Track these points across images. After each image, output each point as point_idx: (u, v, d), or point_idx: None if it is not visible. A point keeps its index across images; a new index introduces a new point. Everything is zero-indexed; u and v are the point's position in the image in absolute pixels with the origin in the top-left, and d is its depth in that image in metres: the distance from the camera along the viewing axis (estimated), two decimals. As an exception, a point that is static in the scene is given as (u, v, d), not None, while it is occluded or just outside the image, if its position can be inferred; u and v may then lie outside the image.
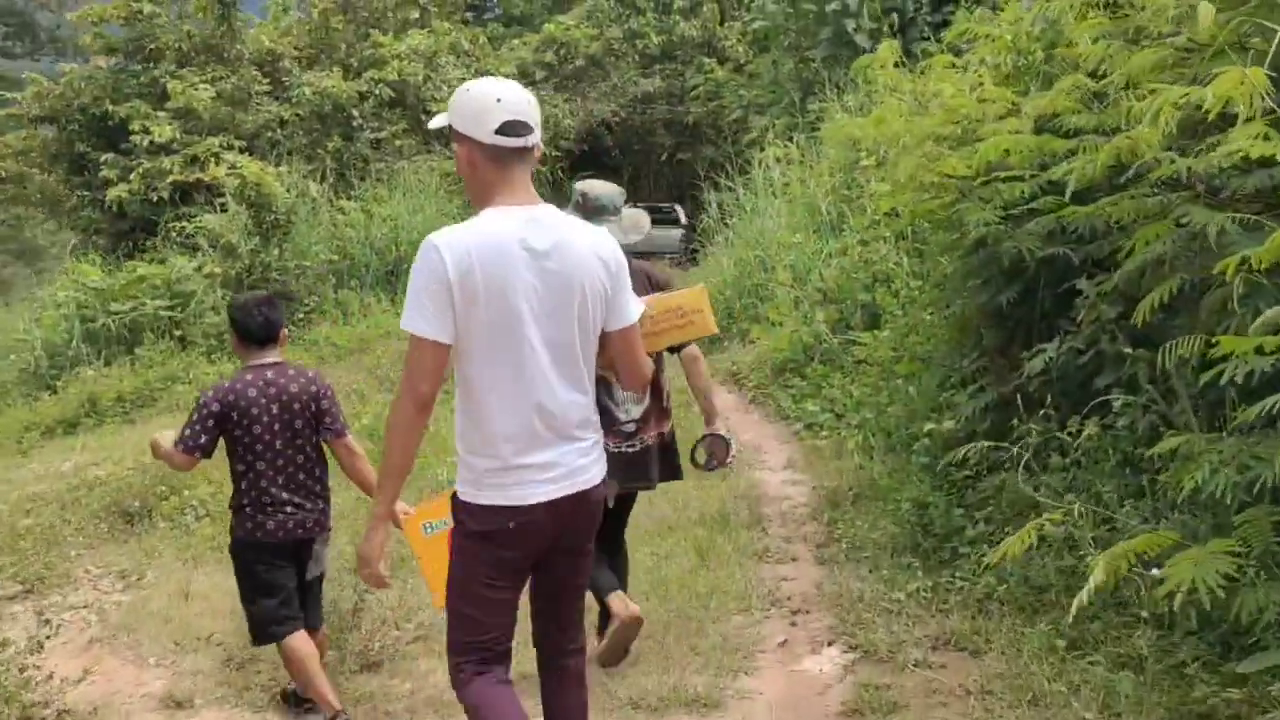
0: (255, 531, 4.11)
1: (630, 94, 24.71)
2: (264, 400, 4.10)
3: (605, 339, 3.00)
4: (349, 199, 17.49)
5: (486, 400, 2.84)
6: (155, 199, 17.70)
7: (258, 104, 19.26)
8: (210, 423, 4.04)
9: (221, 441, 4.14)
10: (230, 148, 17.75)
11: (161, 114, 18.37)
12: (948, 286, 6.40)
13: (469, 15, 29.02)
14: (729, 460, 4.56)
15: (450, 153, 21.50)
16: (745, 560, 5.90)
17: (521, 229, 2.79)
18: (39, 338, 15.70)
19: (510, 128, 2.80)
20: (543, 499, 2.85)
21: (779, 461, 8.07)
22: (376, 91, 20.08)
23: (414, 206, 17.61)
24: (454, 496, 2.95)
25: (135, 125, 18.23)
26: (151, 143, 17.95)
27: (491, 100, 2.81)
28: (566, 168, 23.62)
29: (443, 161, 20.32)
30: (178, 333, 14.73)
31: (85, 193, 19.07)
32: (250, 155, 17.62)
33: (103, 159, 18.69)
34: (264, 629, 4.17)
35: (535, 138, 2.88)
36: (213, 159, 17.52)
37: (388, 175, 18.57)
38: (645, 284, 4.20)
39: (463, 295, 2.74)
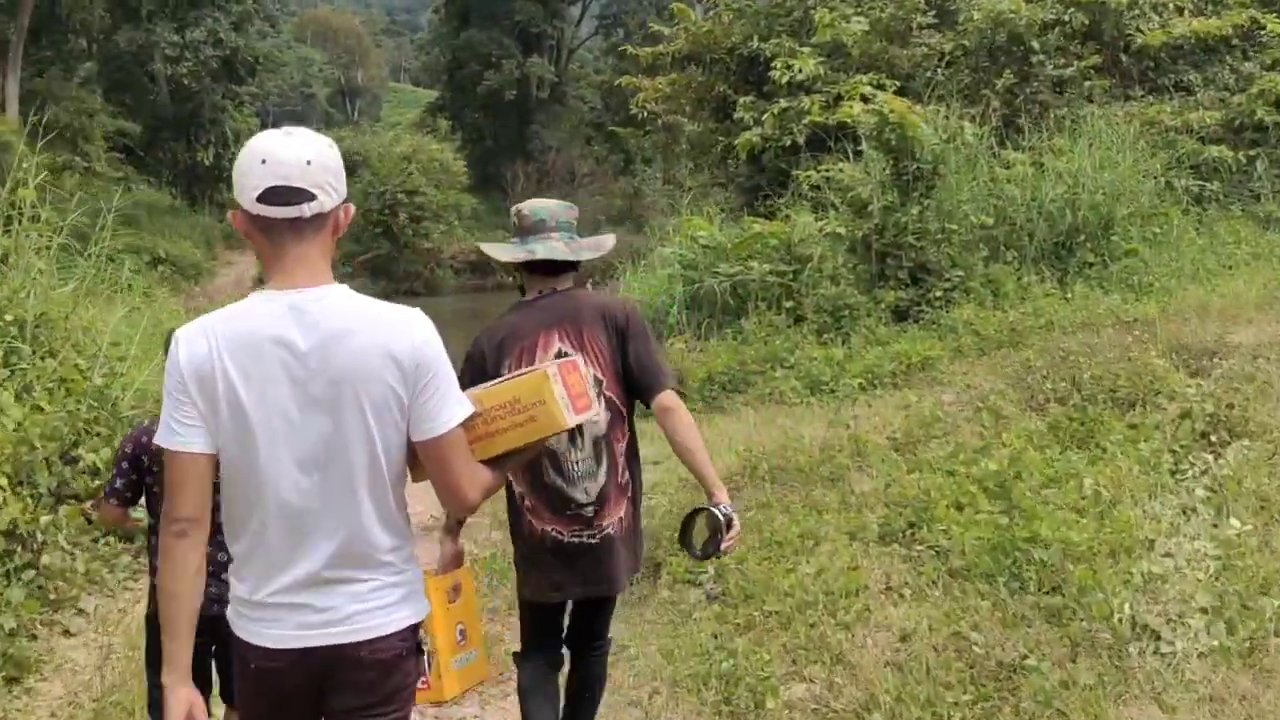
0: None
1: None
2: None
3: (415, 450, 2.44)
4: (1016, 149, 13.71)
5: (236, 524, 2.45)
6: (789, 144, 15.22)
7: (916, 37, 16.11)
8: (125, 465, 3.64)
9: None
10: (880, 87, 14.73)
11: (806, 49, 15.85)
12: None
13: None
14: (731, 543, 3.37)
15: (1154, 98, 17.04)
16: None
17: (281, 321, 2.32)
18: (642, 301, 13.85)
19: (274, 194, 2.30)
20: (289, 645, 2.41)
21: None
22: (1066, 19, 15.94)
23: (1102, 161, 13.42)
24: None
25: (778, 63, 15.87)
26: (791, 80, 15.49)
27: (255, 161, 2.32)
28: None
29: (1145, 108, 15.78)
30: (789, 304, 12.05)
31: (724, 138, 17.14)
32: (904, 97, 14.46)
33: (740, 101, 16.60)
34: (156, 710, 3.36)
35: (317, 205, 2.33)
36: (857, 98, 14.63)
37: (1069, 122, 14.49)
38: (601, 325, 3.46)
39: (203, 399, 2.33)
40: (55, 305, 6.77)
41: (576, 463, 3.42)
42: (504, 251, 3.56)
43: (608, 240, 3.69)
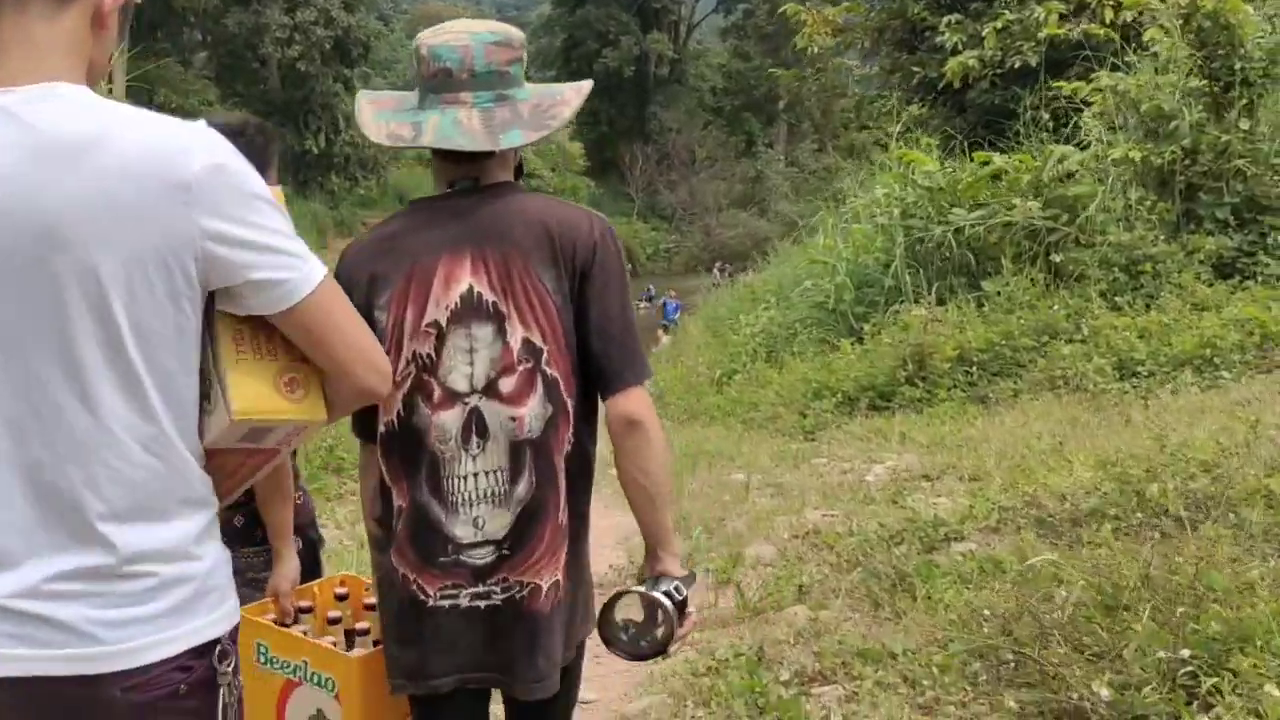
0: None
1: None
2: None
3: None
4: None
5: None
6: (1015, 66, 11.99)
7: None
8: None
9: None
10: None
11: (1033, -51, 12.59)
12: None
13: None
14: (674, 640, 2.19)
15: None
16: None
17: None
18: (844, 258, 10.75)
19: None
20: None
21: None
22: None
23: None
24: None
25: (994, -31, 12.66)
26: (1018, -14, 12.28)
27: None
28: None
29: None
30: (1055, 258, 8.88)
31: (917, 70, 13.95)
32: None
33: (944, 21, 13.42)
34: None
35: None
36: (1109, 5, 11.36)
37: None
38: (548, 255, 2.13)
39: None
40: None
41: (466, 476, 2.10)
42: (374, 121, 2.17)
43: (563, 104, 2.18)
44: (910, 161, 10.51)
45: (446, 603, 2.16)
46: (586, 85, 2.26)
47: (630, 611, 2.21)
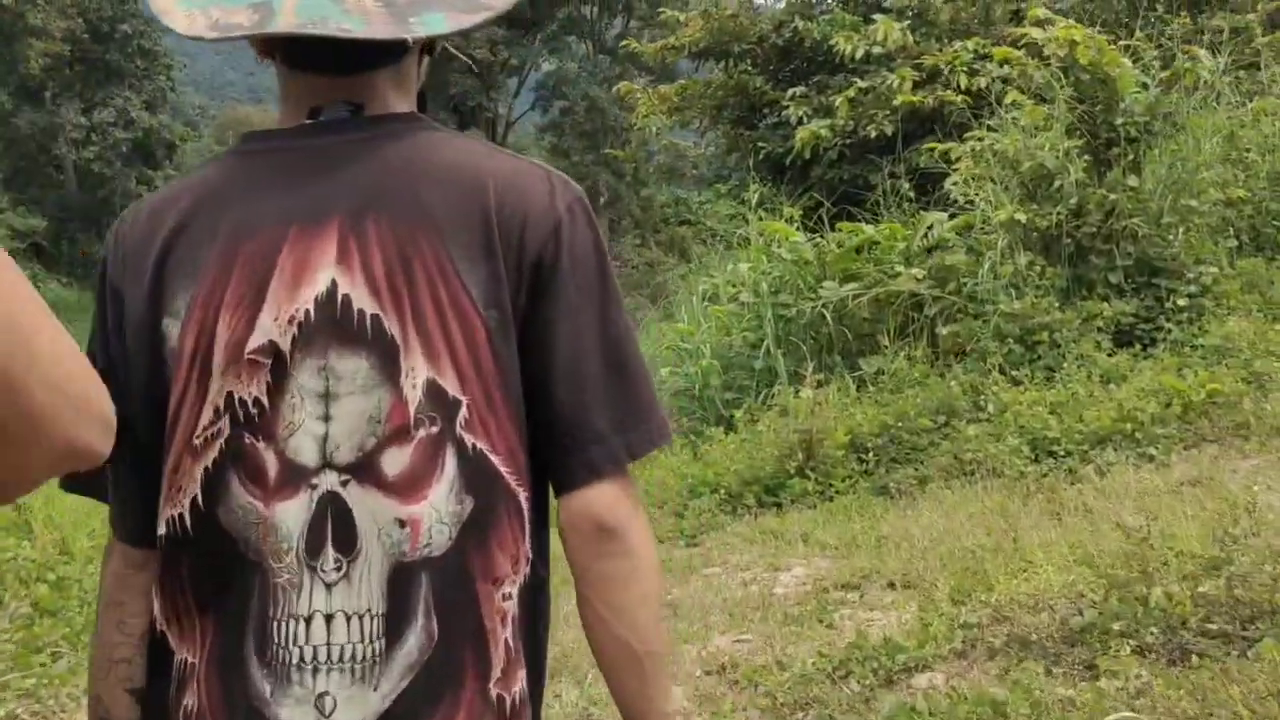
0: None
1: None
2: None
3: None
4: (1265, 94, 9.87)
5: None
6: (871, 135, 11.40)
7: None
8: None
9: None
10: (986, 56, 11.01)
11: (878, 16, 12.12)
12: None
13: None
14: None
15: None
16: None
17: None
18: (708, 340, 9.79)
19: None
20: None
21: None
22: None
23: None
24: None
25: (839, 38, 12.11)
26: (868, 55, 11.73)
27: None
28: None
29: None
30: (941, 331, 8.10)
31: (764, 145, 13.28)
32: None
33: (788, 95, 12.84)
34: None
35: None
36: (962, 71, 10.92)
37: None
38: (479, 235, 1.21)
39: None
40: None
41: (313, 618, 1.18)
42: (180, 8, 1.21)
43: None
44: (773, 234, 9.66)
45: None
46: None
47: None
